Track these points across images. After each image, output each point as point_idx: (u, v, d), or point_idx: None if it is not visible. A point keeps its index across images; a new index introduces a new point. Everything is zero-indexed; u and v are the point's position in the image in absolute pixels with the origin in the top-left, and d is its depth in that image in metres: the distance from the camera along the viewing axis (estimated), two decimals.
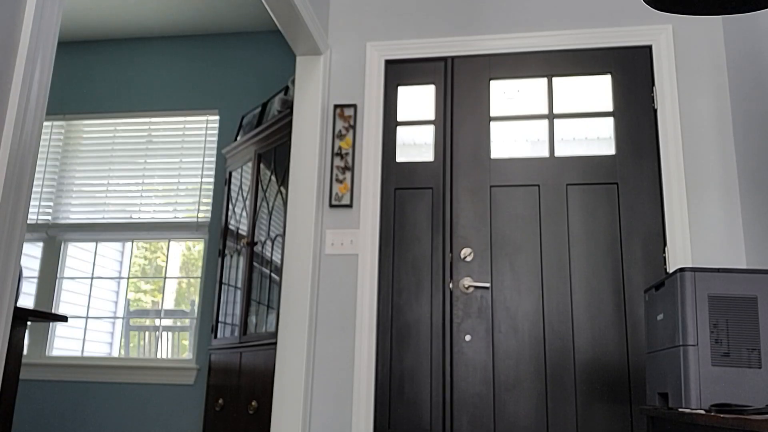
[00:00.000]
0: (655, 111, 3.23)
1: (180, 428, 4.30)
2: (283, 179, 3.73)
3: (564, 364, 3.04)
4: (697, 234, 3.06)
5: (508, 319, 3.13)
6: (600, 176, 3.22)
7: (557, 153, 3.29)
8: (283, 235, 3.46)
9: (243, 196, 4.19)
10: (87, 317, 4.73)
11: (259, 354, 3.62)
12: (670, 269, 3.02)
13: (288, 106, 3.77)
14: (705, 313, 2.10)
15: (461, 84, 3.46)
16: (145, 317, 4.92)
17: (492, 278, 3.18)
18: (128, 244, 4.99)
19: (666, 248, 3.07)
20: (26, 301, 4.66)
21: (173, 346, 4.83)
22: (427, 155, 3.41)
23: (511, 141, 3.41)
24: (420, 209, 3.32)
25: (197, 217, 4.69)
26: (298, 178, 3.39)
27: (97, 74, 5.05)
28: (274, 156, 3.89)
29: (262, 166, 4.03)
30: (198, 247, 4.96)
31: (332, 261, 3.35)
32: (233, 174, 4.39)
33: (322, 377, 3.20)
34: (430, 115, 3.44)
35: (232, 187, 4.38)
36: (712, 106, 3.19)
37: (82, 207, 4.86)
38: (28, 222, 4.61)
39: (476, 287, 3.18)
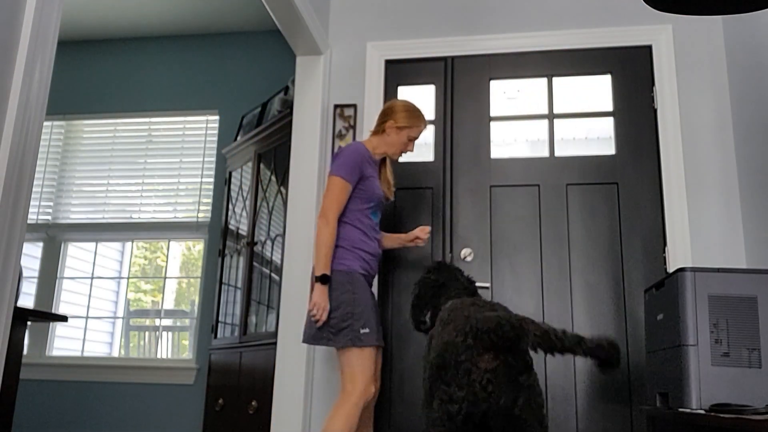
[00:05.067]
0: (655, 111, 3.23)
1: (180, 428, 4.30)
2: (283, 179, 3.73)
3: (564, 364, 3.04)
4: (697, 234, 3.06)
5: None
6: (600, 176, 3.22)
7: (557, 153, 3.29)
8: (283, 235, 3.46)
9: (243, 196, 4.19)
10: (87, 317, 4.73)
11: (259, 354, 3.62)
12: (670, 269, 3.01)
13: (288, 106, 3.77)
14: (705, 313, 2.10)
15: (461, 84, 3.46)
16: (145, 317, 4.92)
17: (492, 278, 3.18)
18: (128, 244, 4.99)
19: (666, 248, 3.07)
20: (26, 301, 4.66)
21: (173, 346, 4.83)
22: (427, 155, 3.41)
23: (511, 141, 3.41)
24: (420, 209, 3.32)
25: (197, 217, 4.69)
26: (298, 178, 3.39)
27: (97, 74, 5.04)
28: (274, 156, 3.89)
29: (262, 166, 4.02)
30: (198, 247, 4.96)
31: None
32: (233, 174, 4.39)
33: (322, 377, 3.20)
34: (430, 115, 3.44)
35: (232, 187, 4.38)
36: (712, 106, 3.19)
37: (82, 207, 4.85)
38: (28, 222, 4.61)
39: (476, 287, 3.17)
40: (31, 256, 4.73)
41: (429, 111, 3.45)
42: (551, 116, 3.34)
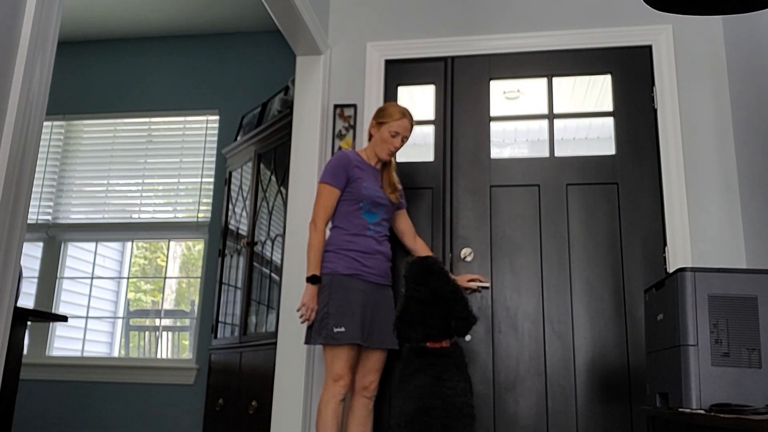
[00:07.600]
0: (655, 111, 3.23)
1: (180, 428, 4.30)
2: (283, 179, 3.73)
3: (564, 364, 3.04)
4: (697, 234, 3.06)
5: (508, 319, 3.13)
6: (600, 176, 3.22)
7: (557, 153, 3.29)
8: (283, 235, 3.46)
9: (243, 196, 4.19)
10: (87, 317, 4.73)
11: (259, 354, 3.62)
12: (670, 269, 3.01)
13: (288, 106, 3.77)
14: (705, 313, 2.10)
15: (461, 84, 3.46)
16: (145, 317, 4.92)
17: (492, 278, 3.18)
18: (128, 244, 4.99)
19: (666, 248, 3.07)
20: (26, 301, 4.66)
21: (173, 346, 4.84)
22: (427, 155, 3.41)
23: (511, 141, 3.41)
24: (420, 209, 3.32)
25: (197, 217, 4.69)
26: (298, 178, 3.39)
27: (97, 74, 5.04)
28: (274, 156, 3.89)
29: (262, 166, 4.02)
30: (198, 247, 4.96)
31: None
32: (233, 174, 4.39)
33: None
34: (430, 115, 3.44)
35: (232, 187, 4.38)
36: (712, 106, 3.19)
37: (82, 207, 4.85)
38: (28, 222, 4.61)
39: None
40: (31, 256, 4.73)
41: (429, 111, 3.45)
42: (551, 116, 3.34)
